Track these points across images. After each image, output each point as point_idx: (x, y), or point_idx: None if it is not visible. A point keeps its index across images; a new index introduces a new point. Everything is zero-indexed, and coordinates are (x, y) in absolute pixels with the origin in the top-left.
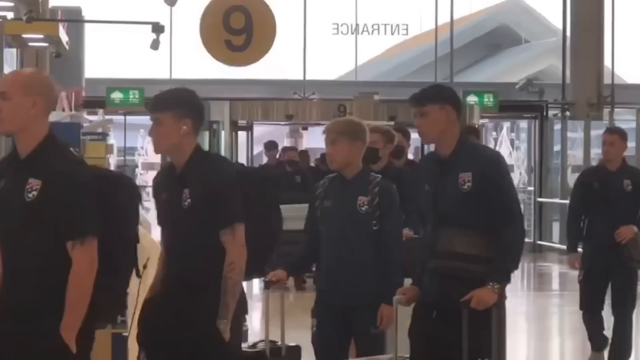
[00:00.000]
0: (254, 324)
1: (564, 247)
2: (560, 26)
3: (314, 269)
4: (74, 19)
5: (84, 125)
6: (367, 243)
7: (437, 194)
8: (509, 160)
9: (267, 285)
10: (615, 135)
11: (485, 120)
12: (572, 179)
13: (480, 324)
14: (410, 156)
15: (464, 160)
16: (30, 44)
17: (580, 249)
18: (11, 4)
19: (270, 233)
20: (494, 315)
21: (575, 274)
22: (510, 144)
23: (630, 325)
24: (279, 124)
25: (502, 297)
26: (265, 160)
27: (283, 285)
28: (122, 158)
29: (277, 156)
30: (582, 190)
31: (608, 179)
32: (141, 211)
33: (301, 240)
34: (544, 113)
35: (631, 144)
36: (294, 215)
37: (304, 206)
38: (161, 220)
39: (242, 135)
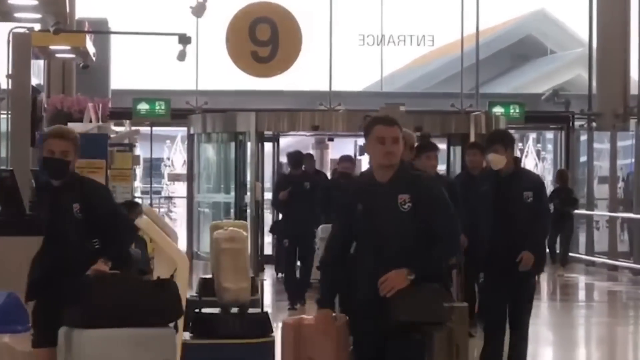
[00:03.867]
0: None
1: (590, 257)
2: (586, 37)
3: None
4: (101, 31)
5: (111, 136)
6: None
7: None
8: (535, 172)
9: None
10: None
11: (511, 131)
12: (598, 190)
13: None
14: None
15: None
16: (57, 55)
17: None
18: (38, 16)
19: None
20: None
21: (601, 285)
22: (536, 155)
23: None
24: (305, 135)
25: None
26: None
27: None
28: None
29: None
30: None
31: None
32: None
33: None
34: (570, 124)
35: None
36: None
37: None
38: None
39: (268, 146)
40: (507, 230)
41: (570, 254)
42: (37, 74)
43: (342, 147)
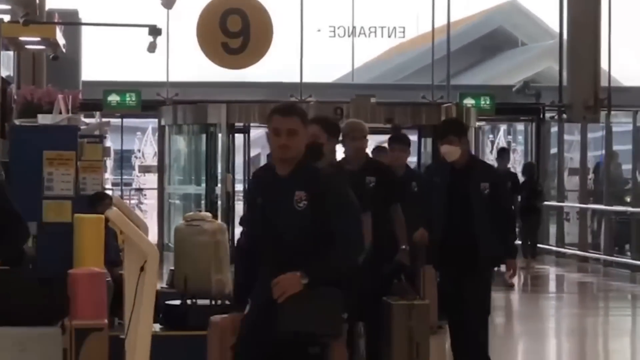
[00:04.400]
0: None
1: (560, 249)
2: (557, 29)
3: None
4: (71, 22)
5: (81, 127)
6: None
7: None
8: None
9: None
10: None
11: (482, 123)
12: (569, 181)
13: None
14: None
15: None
16: (27, 46)
17: None
18: (8, 7)
19: None
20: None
21: (572, 276)
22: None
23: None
24: None
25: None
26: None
27: None
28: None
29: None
30: None
31: None
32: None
33: None
34: (541, 116)
35: (627, 146)
36: None
37: None
38: None
39: (239, 138)
40: (462, 224)
41: (541, 246)
42: (7, 66)
43: None
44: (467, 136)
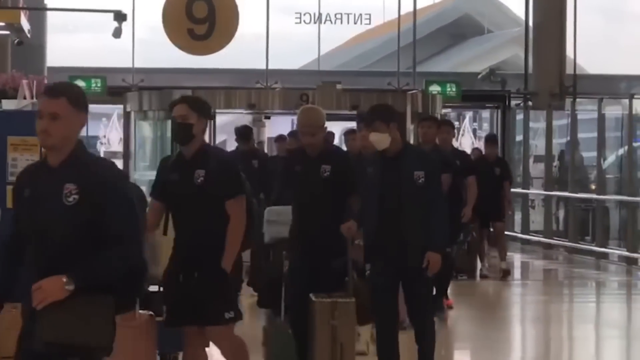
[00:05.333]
0: None
1: (526, 236)
2: (523, 16)
3: None
4: (36, 7)
5: None
6: None
7: None
8: (471, 151)
9: None
10: None
11: (448, 110)
12: (534, 168)
13: None
14: None
15: None
16: None
17: None
18: None
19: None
20: None
21: (537, 263)
22: (472, 134)
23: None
24: (242, 113)
25: None
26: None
27: None
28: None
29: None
30: None
31: None
32: None
33: None
34: (507, 103)
35: (592, 134)
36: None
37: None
38: None
39: None
40: (395, 216)
41: (506, 233)
42: None
43: (279, 125)
44: (397, 121)
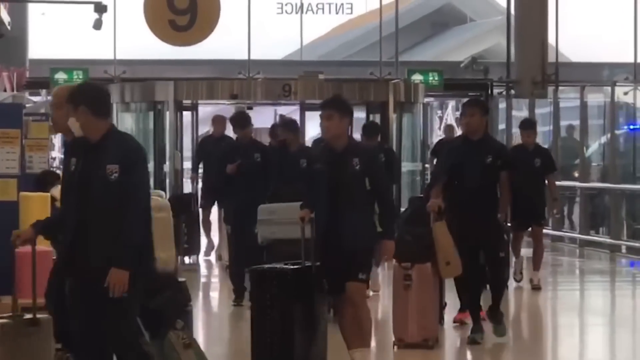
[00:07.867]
0: None
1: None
2: (505, 5)
3: None
4: None
5: (27, 105)
6: None
7: None
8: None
9: None
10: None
11: (431, 99)
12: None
13: None
14: None
15: None
16: None
17: None
18: None
19: None
20: None
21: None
22: (455, 123)
23: None
24: (224, 104)
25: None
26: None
27: None
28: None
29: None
30: None
31: None
32: None
33: None
34: (489, 91)
35: (575, 122)
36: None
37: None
38: None
39: (187, 115)
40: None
41: None
42: None
43: (261, 116)
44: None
